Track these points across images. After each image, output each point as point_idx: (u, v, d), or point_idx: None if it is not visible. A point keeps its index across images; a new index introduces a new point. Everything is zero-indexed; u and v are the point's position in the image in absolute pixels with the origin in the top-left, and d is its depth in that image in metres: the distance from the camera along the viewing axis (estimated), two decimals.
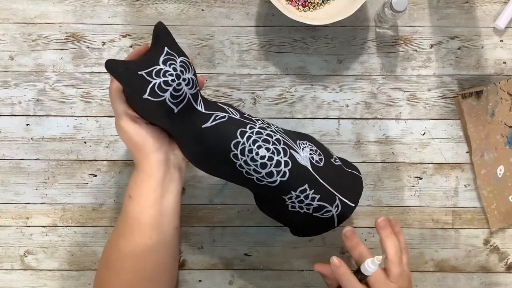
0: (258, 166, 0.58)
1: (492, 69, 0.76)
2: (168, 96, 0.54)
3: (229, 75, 0.76)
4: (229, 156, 0.58)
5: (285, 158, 0.58)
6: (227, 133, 0.57)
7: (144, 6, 0.76)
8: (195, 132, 0.58)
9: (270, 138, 0.59)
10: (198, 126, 0.57)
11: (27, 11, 0.76)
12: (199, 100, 0.58)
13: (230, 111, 0.60)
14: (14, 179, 0.75)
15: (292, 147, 0.60)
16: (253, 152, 0.57)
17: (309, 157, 0.61)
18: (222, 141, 0.57)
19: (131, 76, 0.54)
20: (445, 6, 0.76)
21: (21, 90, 0.75)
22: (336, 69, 0.76)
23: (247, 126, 0.58)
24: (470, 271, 0.76)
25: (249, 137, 0.58)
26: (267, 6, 0.76)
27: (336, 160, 0.65)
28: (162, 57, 0.55)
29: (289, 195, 0.59)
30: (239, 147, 0.57)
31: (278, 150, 0.58)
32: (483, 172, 0.75)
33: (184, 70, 0.55)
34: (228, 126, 0.58)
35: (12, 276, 0.75)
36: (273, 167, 0.58)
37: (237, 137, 0.57)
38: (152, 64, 0.54)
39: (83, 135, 0.75)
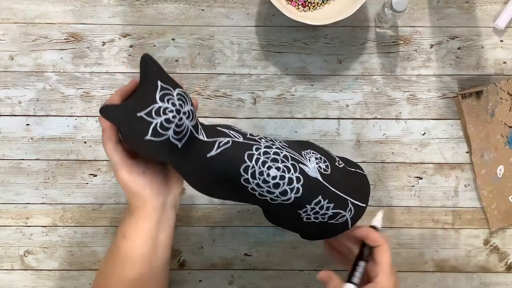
0: (271, 187, 0.56)
1: (492, 69, 0.76)
2: (171, 133, 0.51)
3: (229, 75, 0.76)
4: (240, 181, 0.56)
5: (296, 174, 0.57)
6: (234, 159, 0.55)
7: (144, 6, 0.76)
8: (201, 162, 0.55)
9: (278, 157, 0.57)
10: (203, 156, 0.55)
11: (27, 11, 0.76)
12: (199, 129, 0.55)
13: (232, 134, 0.58)
14: (14, 179, 0.75)
15: (300, 160, 0.59)
16: (264, 174, 0.56)
17: (316, 167, 0.60)
18: (230, 168, 0.55)
19: (130, 120, 0.50)
20: (445, 6, 0.76)
21: (21, 90, 0.75)
22: (336, 69, 0.76)
23: (253, 148, 0.56)
24: (470, 271, 0.76)
25: (257, 159, 0.56)
26: (267, 6, 0.76)
27: (340, 162, 0.65)
28: (158, 94, 0.51)
29: (304, 209, 0.58)
30: (249, 171, 0.55)
31: (288, 167, 0.57)
32: (483, 172, 0.75)
33: (182, 103, 0.52)
34: (234, 151, 0.56)
35: (12, 276, 0.75)
36: (286, 185, 0.56)
37: (245, 161, 0.55)
38: (149, 103, 0.50)
39: (83, 135, 0.75)
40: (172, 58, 0.76)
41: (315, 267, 0.75)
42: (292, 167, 0.57)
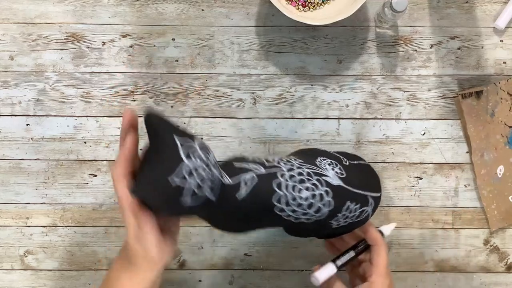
0: (305, 209, 0.55)
1: (492, 69, 0.76)
2: (208, 191, 0.47)
3: (229, 75, 0.76)
4: (274, 211, 0.55)
5: (323, 188, 0.57)
6: (265, 193, 0.54)
7: (144, 6, 0.76)
8: (233, 205, 0.53)
9: (303, 177, 0.56)
10: (233, 199, 0.52)
11: (27, 11, 0.76)
12: (223, 174, 0.52)
13: (252, 167, 0.55)
14: (14, 179, 0.75)
15: (321, 173, 0.59)
16: (297, 198, 0.55)
17: (334, 173, 0.60)
18: (263, 202, 0.54)
19: (162, 191, 0.45)
20: (445, 6, 0.76)
21: (21, 90, 0.75)
22: (336, 69, 0.76)
23: (278, 175, 0.55)
24: (470, 271, 0.76)
25: (286, 185, 0.55)
26: (267, 6, 0.76)
27: (345, 160, 0.65)
28: (181, 151, 0.45)
29: (335, 217, 0.59)
30: (282, 200, 0.54)
31: (315, 184, 0.56)
32: (483, 172, 0.75)
33: (207, 153, 0.48)
34: (262, 185, 0.53)
35: (12, 276, 0.75)
36: (319, 202, 0.56)
37: (275, 191, 0.54)
38: (176, 164, 0.45)
39: (83, 135, 0.75)
40: (172, 58, 0.76)
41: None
42: (318, 182, 0.57)
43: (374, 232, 0.62)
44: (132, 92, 0.75)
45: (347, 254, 0.63)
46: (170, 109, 0.75)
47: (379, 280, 0.60)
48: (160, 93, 0.75)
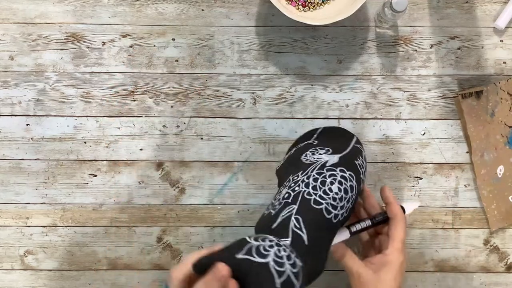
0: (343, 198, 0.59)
1: (492, 69, 0.76)
2: (289, 268, 0.49)
3: (229, 75, 0.76)
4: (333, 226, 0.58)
5: (339, 172, 0.60)
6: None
7: (144, 6, 0.76)
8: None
9: (321, 185, 0.58)
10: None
11: (27, 11, 0.76)
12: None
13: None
14: (14, 179, 0.75)
15: (321, 164, 0.61)
16: (331, 193, 0.58)
17: (324, 153, 0.62)
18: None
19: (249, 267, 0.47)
20: (445, 6, 0.76)
21: (21, 90, 0.75)
22: (336, 69, 0.76)
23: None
24: (470, 271, 0.76)
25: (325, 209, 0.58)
26: (267, 6, 0.76)
27: (313, 139, 0.68)
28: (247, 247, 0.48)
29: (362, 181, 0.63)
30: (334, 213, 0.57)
31: (332, 175, 0.59)
32: (483, 172, 0.75)
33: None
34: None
35: (12, 276, 0.75)
36: (348, 183, 0.59)
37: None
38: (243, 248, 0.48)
39: (83, 135, 0.75)
40: (172, 58, 0.76)
41: None
42: (329, 176, 0.59)
43: (395, 206, 0.62)
44: (132, 92, 0.75)
45: (363, 222, 0.63)
46: (170, 109, 0.75)
47: (394, 254, 0.60)
48: (160, 93, 0.75)
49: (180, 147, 0.75)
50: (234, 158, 0.75)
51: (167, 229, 0.75)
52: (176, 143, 0.75)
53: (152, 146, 0.75)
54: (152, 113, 0.75)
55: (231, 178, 0.75)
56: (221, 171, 0.75)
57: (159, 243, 0.75)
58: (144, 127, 0.75)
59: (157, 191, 0.75)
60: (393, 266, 0.60)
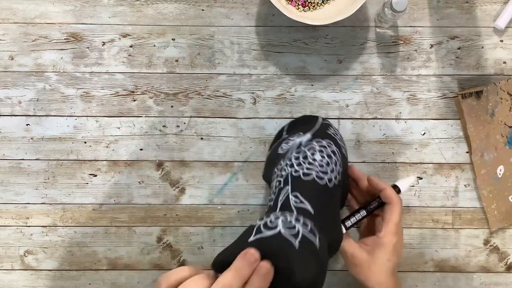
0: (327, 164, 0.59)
1: (492, 69, 0.76)
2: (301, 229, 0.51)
3: (229, 75, 0.76)
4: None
5: (317, 147, 0.60)
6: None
7: (144, 6, 0.76)
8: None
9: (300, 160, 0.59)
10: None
11: (27, 11, 0.76)
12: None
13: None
14: (14, 179, 0.75)
15: (298, 145, 0.61)
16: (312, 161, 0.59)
17: (300, 136, 0.63)
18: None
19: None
20: (445, 6, 0.76)
21: (21, 90, 0.75)
22: (336, 69, 0.76)
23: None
24: (470, 271, 0.76)
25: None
26: (267, 6, 0.76)
27: (284, 131, 0.70)
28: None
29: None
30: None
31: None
32: (483, 172, 0.75)
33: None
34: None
35: (12, 276, 0.75)
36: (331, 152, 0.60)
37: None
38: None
39: (83, 135, 0.75)
40: (172, 58, 0.76)
41: None
42: (321, 147, 0.61)
43: (388, 190, 0.63)
44: (132, 92, 0.75)
45: (358, 214, 0.64)
46: (170, 109, 0.75)
47: (388, 236, 0.61)
48: (160, 93, 0.75)
49: (180, 147, 0.75)
50: (234, 158, 0.75)
51: (167, 229, 0.75)
52: (176, 143, 0.75)
53: (152, 146, 0.75)
54: (152, 113, 0.75)
55: (231, 178, 0.75)
56: (221, 171, 0.75)
57: (159, 243, 0.75)
58: (144, 127, 0.75)
59: (157, 191, 0.75)
60: (387, 247, 0.61)
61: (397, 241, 0.62)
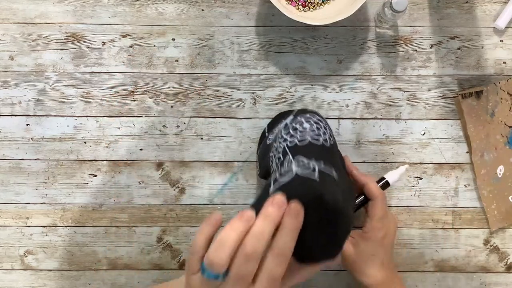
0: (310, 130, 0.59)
1: (492, 69, 0.76)
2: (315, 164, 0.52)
3: (229, 75, 0.76)
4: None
5: (303, 119, 0.61)
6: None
7: (144, 6, 0.76)
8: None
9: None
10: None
11: (27, 11, 0.76)
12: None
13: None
14: (14, 179, 0.75)
15: (284, 126, 0.62)
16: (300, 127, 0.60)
17: (283, 123, 0.64)
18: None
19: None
20: (445, 6, 0.76)
21: (21, 90, 0.75)
22: (336, 69, 0.76)
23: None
24: (470, 271, 0.76)
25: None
26: (267, 6, 0.76)
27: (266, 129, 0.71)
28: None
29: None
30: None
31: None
32: (483, 172, 0.75)
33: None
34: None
35: (12, 276, 0.75)
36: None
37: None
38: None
39: (83, 135, 0.75)
40: (172, 58, 0.76)
41: None
42: (307, 118, 0.61)
43: (370, 185, 0.64)
44: (132, 92, 0.75)
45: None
46: (170, 109, 0.75)
47: (372, 232, 0.62)
48: (160, 93, 0.75)
49: (180, 147, 0.75)
50: (234, 158, 0.75)
51: (167, 229, 0.75)
52: (176, 143, 0.75)
53: (152, 146, 0.75)
54: (152, 113, 0.75)
55: (231, 178, 0.75)
56: (221, 171, 0.75)
57: (159, 243, 0.75)
58: (144, 127, 0.75)
59: (157, 191, 0.75)
60: (371, 243, 0.62)
61: (384, 236, 0.62)
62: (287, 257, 0.41)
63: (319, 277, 0.75)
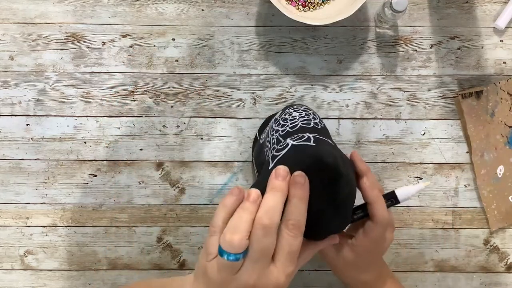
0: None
1: (492, 69, 0.76)
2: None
3: (229, 75, 0.76)
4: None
5: (291, 110, 0.62)
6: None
7: (144, 6, 0.76)
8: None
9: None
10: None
11: (27, 11, 0.76)
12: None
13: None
14: (14, 179, 0.75)
15: (274, 121, 0.62)
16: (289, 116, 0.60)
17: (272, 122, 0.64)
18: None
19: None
20: (445, 6, 0.76)
21: (21, 90, 0.75)
22: (336, 69, 0.76)
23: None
24: (470, 271, 0.76)
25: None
26: (267, 6, 0.76)
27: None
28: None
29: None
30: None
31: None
32: (483, 172, 0.75)
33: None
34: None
35: (12, 276, 0.75)
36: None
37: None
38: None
39: (83, 135, 0.75)
40: (172, 58, 0.76)
41: (315, 267, 0.75)
42: (294, 109, 0.62)
43: (376, 207, 0.54)
44: (132, 92, 0.75)
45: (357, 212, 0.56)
46: (170, 109, 0.75)
47: (360, 249, 0.55)
48: (160, 93, 0.75)
49: (180, 147, 0.75)
50: (234, 158, 0.75)
51: (167, 229, 0.75)
52: (176, 143, 0.75)
53: (152, 146, 0.75)
54: (152, 113, 0.75)
55: (231, 178, 0.75)
56: (221, 171, 0.75)
57: (159, 243, 0.75)
58: (144, 127, 0.75)
59: (157, 191, 0.75)
60: (357, 257, 0.55)
61: (372, 256, 0.56)
62: (301, 228, 0.41)
63: (319, 277, 0.75)
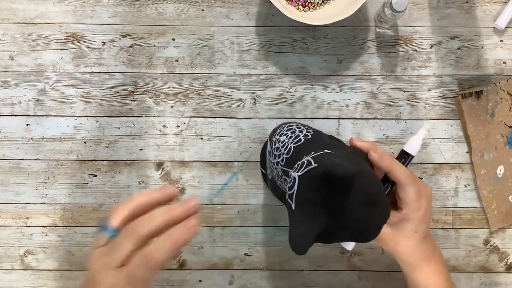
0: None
1: (492, 69, 0.76)
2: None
3: (229, 75, 0.76)
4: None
5: (277, 136, 0.63)
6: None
7: (144, 6, 0.76)
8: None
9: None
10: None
11: (27, 11, 0.76)
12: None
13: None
14: (14, 179, 0.75)
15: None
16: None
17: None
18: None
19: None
20: (445, 6, 0.76)
21: (21, 90, 0.75)
22: (336, 69, 0.76)
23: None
24: (470, 271, 0.76)
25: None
26: (267, 6, 0.76)
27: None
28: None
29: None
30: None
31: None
32: (483, 172, 0.75)
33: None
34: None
35: (12, 276, 0.75)
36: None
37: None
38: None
39: (83, 135, 0.75)
40: (172, 58, 0.76)
41: (315, 267, 0.75)
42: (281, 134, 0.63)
43: (395, 171, 0.57)
44: (132, 92, 0.75)
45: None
46: (170, 109, 0.75)
47: (412, 213, 0.58)
48: (160, 93, 0.75)
49: (180, 147, 0.75)
50: (234, 158, 0.75)
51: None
52: (176, 143, 0.75)
53: (152, 146, 0.75)
54: (152, 113, 0.75)
55: (231, 178, 0.75)
56: (221, 171, 0.75)
57: None
58: (144, 127, 0.75)
59: None
60: (413, 221, 0.58)
61: (424, 213, 0.58)
62: (153, 259, 0.41)
63: (319, 277, 0.76)
